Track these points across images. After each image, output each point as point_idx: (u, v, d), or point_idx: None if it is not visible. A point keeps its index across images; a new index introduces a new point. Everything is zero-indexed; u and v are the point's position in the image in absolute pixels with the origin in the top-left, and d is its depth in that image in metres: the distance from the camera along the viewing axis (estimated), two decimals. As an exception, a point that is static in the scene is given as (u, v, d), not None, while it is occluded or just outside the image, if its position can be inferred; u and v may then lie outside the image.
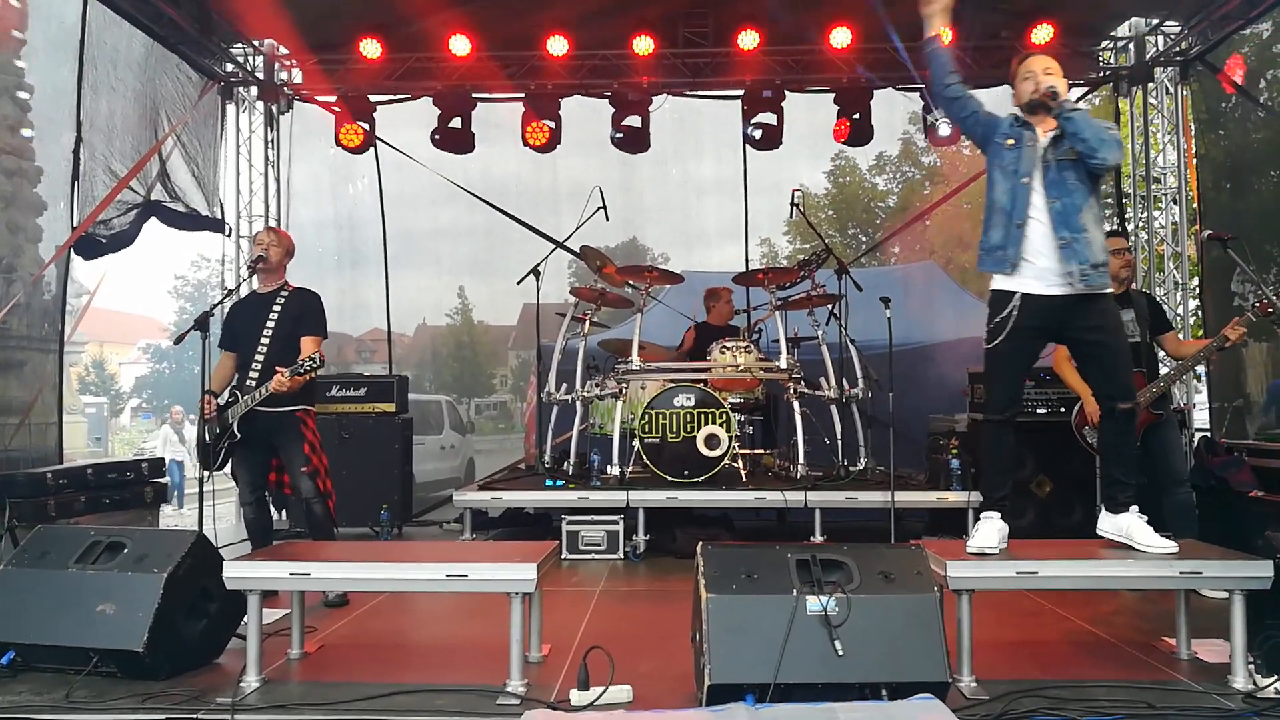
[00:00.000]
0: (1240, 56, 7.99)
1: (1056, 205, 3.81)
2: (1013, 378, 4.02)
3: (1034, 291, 3.83)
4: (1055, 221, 3.80)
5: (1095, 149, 3.73)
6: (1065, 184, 3.82)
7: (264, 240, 5.19)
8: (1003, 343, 3.88)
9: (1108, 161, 3.76)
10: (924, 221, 12.19)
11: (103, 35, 7.00)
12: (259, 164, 9.16)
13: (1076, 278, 3.77)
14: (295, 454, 4.95)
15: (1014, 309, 3.85)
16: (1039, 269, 3.82)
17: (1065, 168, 3.83)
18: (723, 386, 6.84)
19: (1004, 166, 3.91)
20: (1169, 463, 5.15)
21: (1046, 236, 3.81)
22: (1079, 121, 3.77)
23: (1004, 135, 3.96)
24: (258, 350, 4.98)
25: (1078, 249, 3.77)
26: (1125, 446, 3.98)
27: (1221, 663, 3.62)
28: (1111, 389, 3.93)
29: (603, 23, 8.08)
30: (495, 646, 3.63)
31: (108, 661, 3.58)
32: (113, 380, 45.84)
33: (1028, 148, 3.88)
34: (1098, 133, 3.74)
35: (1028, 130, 3.91)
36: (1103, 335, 3.88)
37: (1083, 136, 3.74)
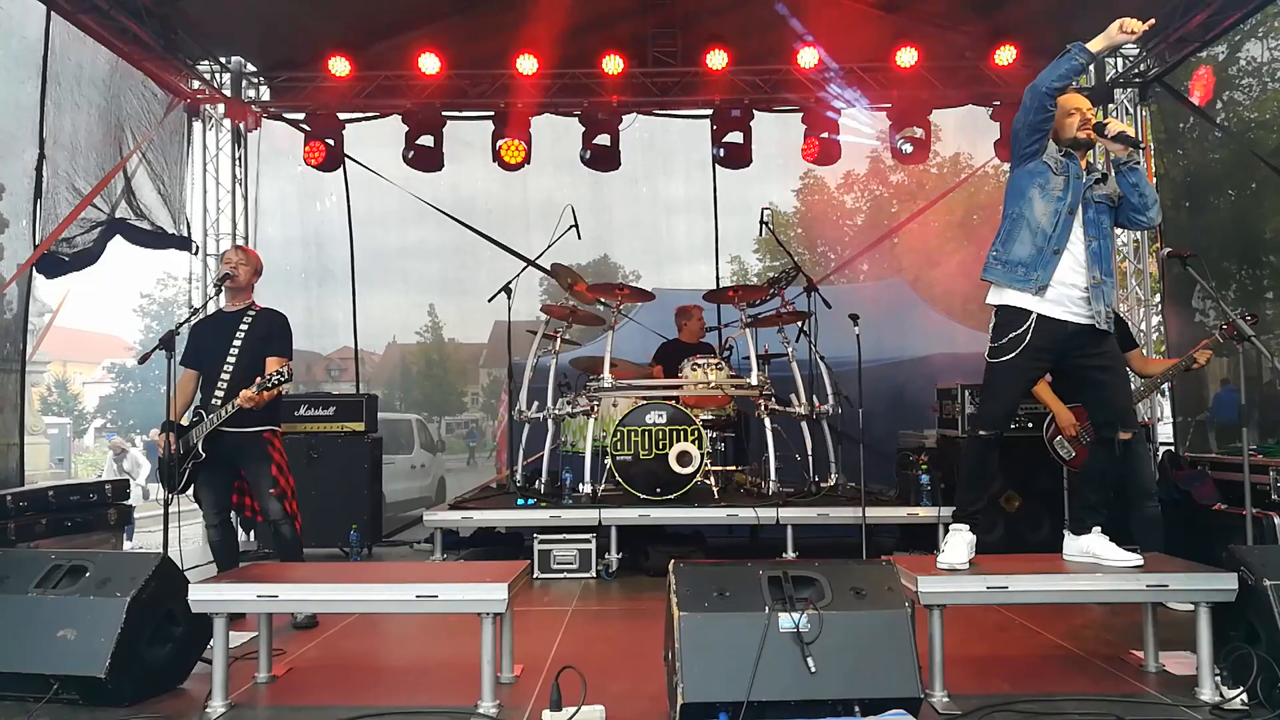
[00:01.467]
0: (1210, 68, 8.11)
1: (1094, 245, 3.88)
2: (1013, 395, 4.04)
3: (1051, 315, 3.87)
4: (1090, 260, 3.87)
5: (1149, 207, 3.91)
6: (1101, 226, 3.92)
7: (232, 259, 5.15)
8: (1014, 359, 3.89)
9: (1153, 223, 3.99)
10: (892, 239, 12.29)
11: (66, 51, 6.91)
12: (226, 182, 9.08)
13: (1102, 319, 3.86)
14: (262, 476, 4.88)
15: (1029, 328, 3.86)
16: (1060, 296, 3.87)
17: (1103, 210, 3.93)
18: (694, 404, 6.85)
19: (1048, 189, 3.90)
20: (1137, 477, 5.21)
21: (1076, 270, 3.87)
22: (1143, 175, 3.91)
23: (1052, 159, 3.96)
24: (223, 370, 4.93)
25: (1105, 291, 3.87)
26: (1109, 474, 4.06)
27: (1189, 675, 3.66)
28: (1114, 417, 3.98)
29: (572, 42, 8.11)
30: (467, 667, 3.60)
31: (69, 688, 3.50)
32: (76, 400, 45.04)
33: (1074, 179, 3.91)
34: (1154, 193, 3.91)
35: (1073, 163, 3.96)
36: (1109, 363, 3.96)
37: (1143, 191, 3.90)
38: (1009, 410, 4.08)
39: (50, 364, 38.04)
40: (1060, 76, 3.80)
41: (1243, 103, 11.40)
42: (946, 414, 6.88)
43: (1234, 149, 8.81)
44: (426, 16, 8.11)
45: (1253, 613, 3.42)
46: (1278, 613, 3.29)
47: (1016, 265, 3.90)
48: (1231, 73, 11.42)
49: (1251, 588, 3.43)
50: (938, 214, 12.45)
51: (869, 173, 24.27)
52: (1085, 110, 3.97)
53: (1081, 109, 3.97)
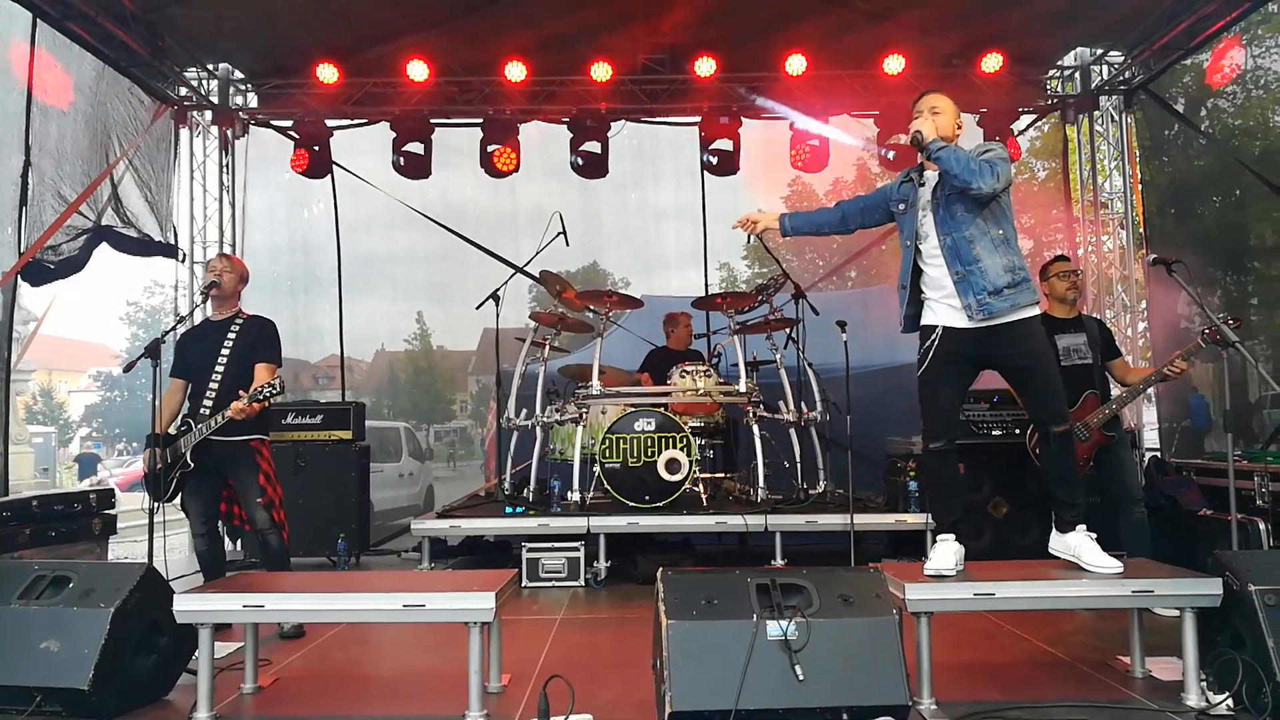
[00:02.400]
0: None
1: (948, 241, 3.90)
2: (942, 406, 4.03)
3: (951, 324, 3.93)
4: (949, 258, 3.90)
5: (968, 180, 3.77)
6: (954, 218, 3.90)
7: (217, 266, 5.12)
8: (927, 370, 3.98)
9: (983, 190, 3.77)
10: (880, 246, 12.31)
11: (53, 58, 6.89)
12: (213, 189, 9.06)
13: (975, 310, 3.85)
14: (250, 485, 4.86)
15: (935, 339, 3.96)
16: (946, 304, 3.93)
17: (953, 201, 3.91)
18: (683, 411, 6.85)
19: (901, 233, 4.09)
20: (1123, 482, 5.26)
21: (940, 276, 3.93)
22: (945, 158, 3.82)
23: (895, 200, 4.11)
24: (211, 378, 4.90)
25: (972, 280, 3.85)
26: (1065, 468, 4.03)
27: (1175, 680, 3.67)
28: (1042, 413, 4.01)
29: (560, 49, 8.12)
30: (454, 677, 3.59)
31: (52, 700, 3.47)
32: (61, 409, 44.75)
33: (912, 206, 4.01)
34: (965, 164, 3.78)
35: (916, 178, 4.03)
36: (1028, 360, 3.93)
37: (953, 172, 3.80)
38: (945, 421, 4.04)
39: (35, 372, 37.83)
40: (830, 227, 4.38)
41: (1227, 110, 11.47)
42: (934, 420, 6.88)
43: (1218, 156, 8.87)
44: (415, 23, 8.10)
45: (1238, 618, 3.43)
46: (1263, 618, 3.30)
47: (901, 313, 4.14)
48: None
49: (1237, 593, 3.44)
50: (925, 221, 12.48)
51: (857, 179, 24.33)
52: (926, 112, 3.96)
53: (923, 111, 3.98)
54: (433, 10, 7.89)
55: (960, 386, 4.08)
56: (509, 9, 7.83)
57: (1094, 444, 5.23)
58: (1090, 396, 5.29)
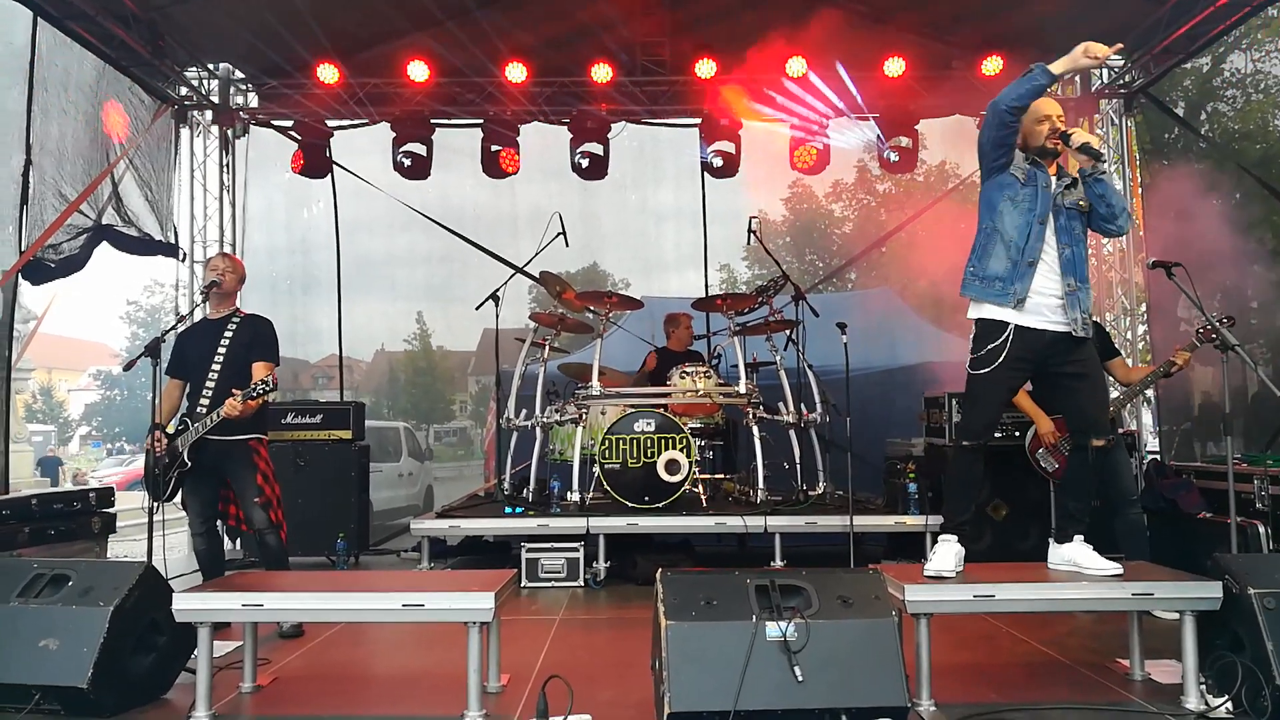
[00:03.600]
0: None
1: (1067, 252, 3.89)
2: (995, 406, 4.03)
3: (1029, 325, 3.87)
4: (1064, 268, 3.88)
5: (1116, 215, 3.90)
6: (1074, 232, 3.92)
7: (218, 265, 5.12)
8: (995, 370, 3.89)
9: (1122, 231, 3.98)
10: (880, 248, 12.35)
11: (53, 57, 6.90)
12: (214, 188, 9.06)
13: (1079, 326, 3.87)
14: (248, 484, 4.86)
15: (1009, 339, 3.87)
16: (1037, 305, 3.88)
17: (1074, 217, 3.93)
18: (683, 411, 6.85)
19: (1017, 200, 3.91)
20: (1119, 484, 5.27)
21: (1051, 279, 3.88)
22: (1108, 184, 3.91)
23: (1020, 170, 3.97)
24: (208, 377, 4.89)
25: (1081, 298, 3.88)
26: (1087, 481, 4.05)
27: (1174, 683, 3.67)
28: (1086, 424, 3.99)
29: (561, 50, 8.13)
30: (453, 677, 3.58)
31: (51, 699, 3.46)
32: (61, 407, 44.77)
33: (1043, 189, 3.92)
34: (1121, 202, 3.91)
35: (1041, 172, 3.97)
36: (1085, 369, 3.96)
37: (1110, 200, 3.89)
38: (991, 421, 4.07)
39: (35, 371, 37.79)
40: (1020, 96, 3.82)
41: (1226, 114, 11.49)
42: (934, 422, 6.88)
43: (1218, 159, 8.88)
44: (415, 24, 8.11)
45: (1237, 621, 3.43)
46: (1262, 621, 3.30)
47: (993, 280, 3.91)
48: (1215, 84, 11.52)
49: (1236, 596, 3.44)
50: (925, 223, 12.49)
51: (857, 182, 24.38)
52: (1055, 118, 3.96)
53: (1052, 116, 3.96)
54: (433, 11, 7.90)
55: (1014, 391, 4.13)
56: (510, 10, 7.85)
57: None
58: None
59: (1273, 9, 7.91)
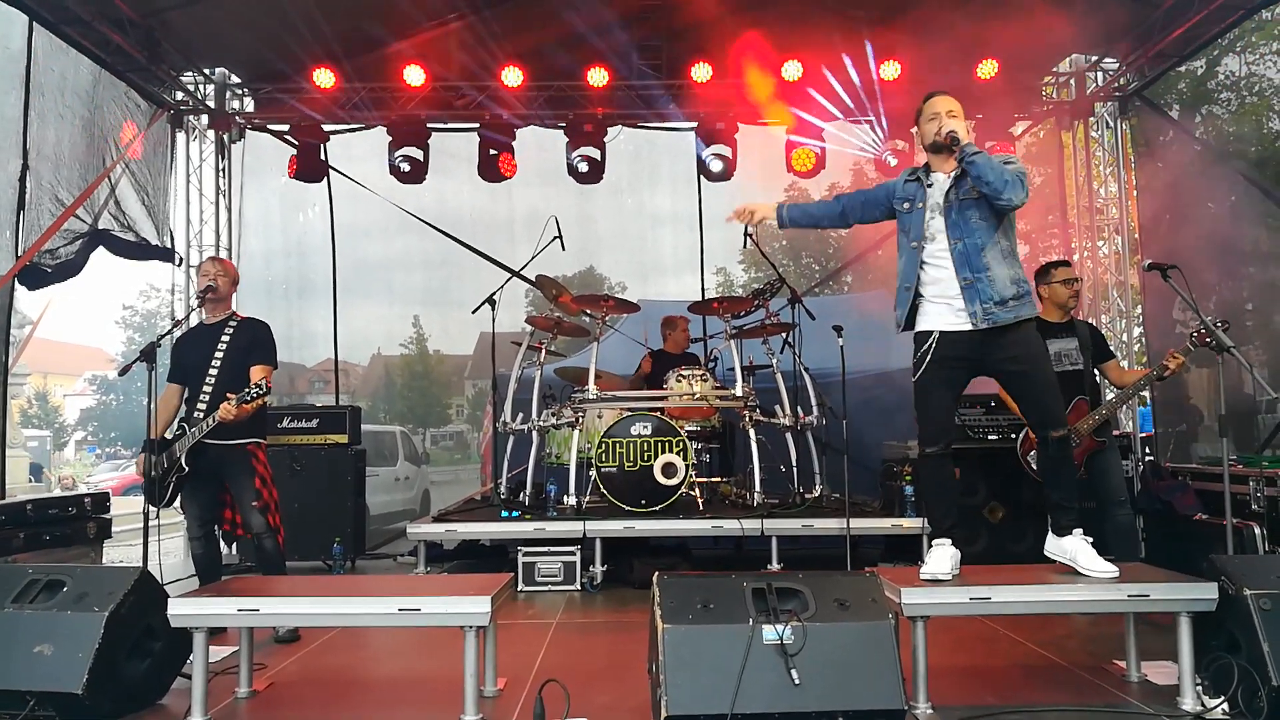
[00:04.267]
0: None
1: (958, 246, 3.90)
2: (937, 410, 4.04)
3: (948, 328, 3.93)
4: (957, 263, 3.89)
5: (1000, 190, 3.78)
6: (968, 224, 3.90)
7: (210, 270, 5.13)
8: (923, 375, 3.97)
9: (1013, 202, 3.80)
10: (876, 251, 12.33)
11: (49, 63, 6.90)
12: (210, 193, 9.05)
13: (980, 317, 3.87)
14: (245, 488, 4.86)
15: (932, 343, 3.95)
16: (941, 310, 3.94)
17: (968, 207, 3.90)
18: (679, 415, 6.85)
19: (904, 233, 4.05)
20: (1108, 485, 5.26)
21: (949, 279, 3.91)
22: (981, 165, 3.81)
23: (900, 199, 4.07)
24: (205, 381, 4.89)
25: (980, 288, 3.86)
26: (1063, 471, 4.03)
27: (1170, 684, 3.68)
28: (1041, 417, 4.01)
29: (557, 54, 8.13)
30: (450, 681, 3.58)
31: (45, 705, 3.45)
32: (56, 413, 44.69)
33: (919, 206, 3.99)
34: (1000, 174, 3.78)
35: (924, 179, 4.02)
36: (1024, 365, 3.94)
37: (987, 179, 3.79)
38: (942, 425, 4.05)
39: (30, 376, 37.75)
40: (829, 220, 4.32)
41: (1221, 116, 11.51)
42: (930, 425, 6.89)
43: (1213, 162, 8.89)
44: (411, 28, 8.12)
45: (1233, 622, 3.44)
46: (1258, 622, 3.31)
47: (896, 313, 4.11)
48: (1210, 87, 11.55)
49: (1232, 597, 3.45)
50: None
51: (853, 185, 24.34)
52: (944, 114, 3.97)
53: (940, 113, 3.98)
54: (429, 15, 7.90)
55: (955, 392, 4.08)
56: (506, 14, 7.85)
57: (1085, 450, 5.21)
58: (1080, 403, 5.27)
59: (1266, 13, 7.94)
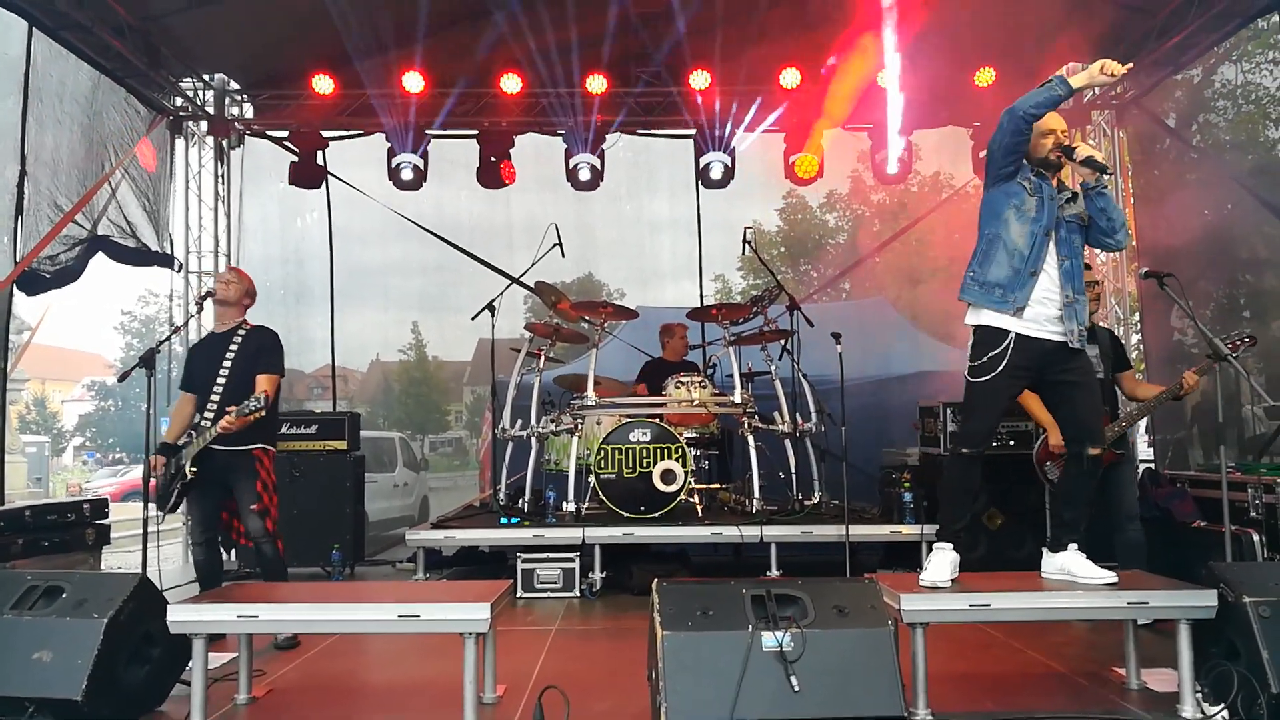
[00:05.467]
0: None
1: (1066, 264, 3.92)
2: (994, 414, 4.04)
3: (1029, 334, 3.89)
4: (1064, 279, 3.91)
5: (1116, 231, 3.97)
6: (1073, 245, 3.96)
7: (221, 278, 5.24)
8: (995, 378, 3.90)
9: (1120, 246, 4.06)
10: (874, 258, 12.38)
11: (48, 68, 6.90)
12: (209, 199, 9.05)
13: (1075, 337, 3.90)
14: (246, 492, 4.87)
15: (1009, 347, 3.88)
16: (1036, 314, 3.89)
17: (1074, 230, 3.97)
18: (678, 421, 6.85)
19: (1024, 210, 3.92)
20: (1121, 499, 5.17)
21: (1050, 290, 3.90)
22: (1110, 200, 3.98)
23: (1027, 180, 3.98)
24: (214, 389, 4.91)
25: (1078, 310, 3.91)
26: (1082, 490, 4.05)
27: (1170, 692, 3.68)
28: (1081, 433, 4.01)
29: (556, 61, 8.15)
30: (449, 687, 3.58)
31: (44, 711, 3.45)
32: (55, 418, 44.61)
33: (1048, 200, 3.95)
34: (1121, 217, 4.00)
35: (1046, 184, 3.99)
36: (1081, 379, 3.97)
37: (1111, 216, 3.96)
38: (990, 429, 4.09)
39: (29, 381, 37.71)
40: (1038, 104, 3.84)
41: (1218, 124, 11.53)
42: (929, 432, 6.90)
43: (1210, 170, 8.91)
44: (411, 35, 8.12)
45: (1233, 629, 3.44)
46: (1257, 629, 3.32)
47: (994, 286, 3.92)
48: (1207, 95, 11.58)
49: (1231, 604, 3.46)
50: (919, 233, 12.54)
51: (851, 192, 24.41)
52: (1060, 131, 4.00)
53: (1057, 130, 3.99)
54: (428, 22, 7.91)
55: (1013, 399, 4.12)
56: (505, 21, 7.86)
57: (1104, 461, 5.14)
58: None
59: (1262, 21, 7.97)
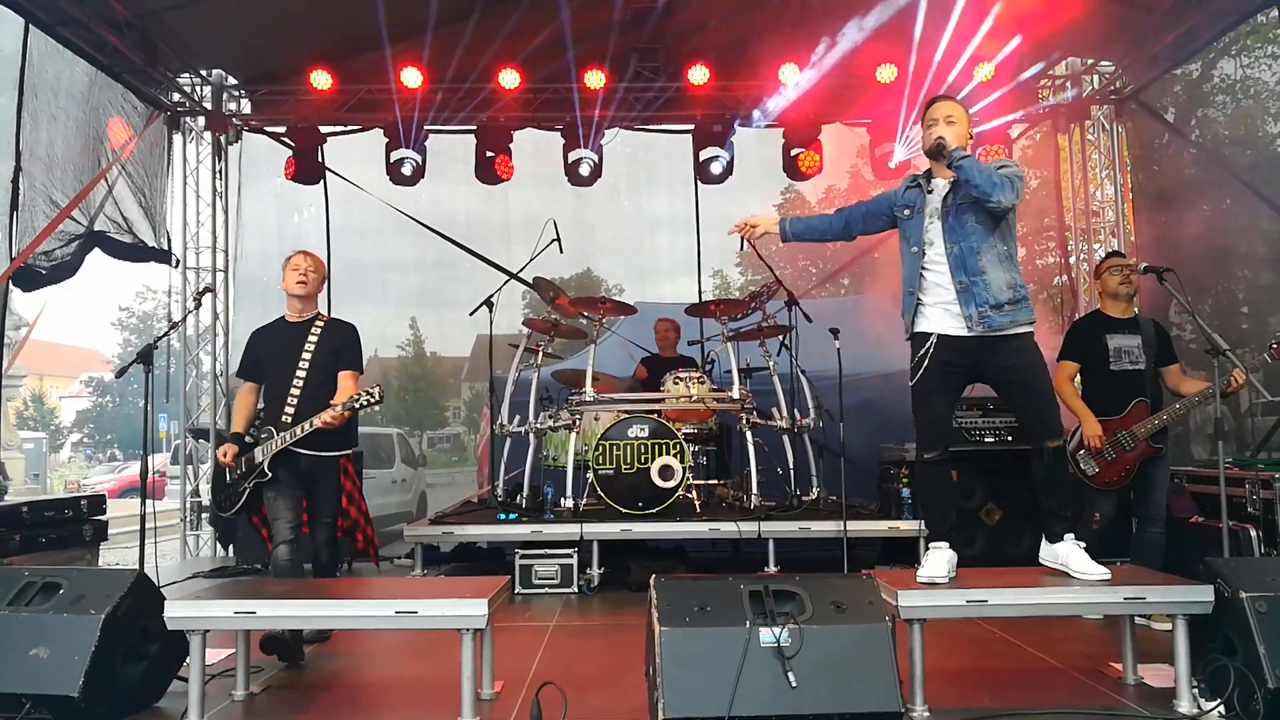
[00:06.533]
0: None
1: (954, 250, 3.92)
2: (935, 416, 4.05)
3: (946, 332, 3.94)
4: (953, 266, 3.92)
5: (989, 193, 3.80)
6: (964, 228, 3.93)
7: (301, 265, 4.72)
8: (921, 380, 3.98)
9: (1003, 203, 3.82)
10: (873, 254, 12.35)
11: (44, 64, 6.89)
12: (206, 194, 9.04)
13: (975, 320, 3.88)
14: (328, 502, 4.67)
15: (930, 347, 3.96)
16: (941, 314, 3.95)
17: (964, 211, 3.93)
18: (676, 417, 6.85)
19: (905, 239, 4.08)
20: (1150, 500, 5.07)
21: (941, 287, 3.94)
22: (968, 168, 3.84)
23: (900, 206, 4.10)
24: (293, 385, 4.58)
25: (976, 292, 3.88)
26: (1057, 480, 4.05)
27: (1167, 687, 3.68)
28: (1036, 426, 4.00)
29: (554, 56, 8.13)
30: (447, 684, 3.58)
31: (41, 708, 3.45)
32: (53, 414, 44.62)
33: (919, 212, 4.02)
34: (989, 177, 3.81)
35: (924, 185, 4.05)
36: (1019, 374, 3.95)
37: (975, 183, 3.82)
38: (940, 429, 4.08)
39: (26, 377, 37.70)
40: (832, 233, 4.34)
41: (1217, 119, 11.55)
42: (927, 427, 6.89)
43: (1208, 165, 8.92)
44: (409, 30, 8.10)
45: (1230, 625, 3.44)
46: (1254, 625, 3.31)
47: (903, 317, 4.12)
48: (1205, 90, 11.59)
49: (1228, 600, 3.45)
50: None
51: (849, 188, 24.37)
52: (941, 120, 3.99)
53: (938, 120, 4.00)
54: (426, 17, 7.90)
55: (953, 397, 4.11)
56: (503, 16, 7.85)
57: (1139, 455, 5.01)
58: (1139, 404, 5.04)
59: (1262, 16, 7.96)
